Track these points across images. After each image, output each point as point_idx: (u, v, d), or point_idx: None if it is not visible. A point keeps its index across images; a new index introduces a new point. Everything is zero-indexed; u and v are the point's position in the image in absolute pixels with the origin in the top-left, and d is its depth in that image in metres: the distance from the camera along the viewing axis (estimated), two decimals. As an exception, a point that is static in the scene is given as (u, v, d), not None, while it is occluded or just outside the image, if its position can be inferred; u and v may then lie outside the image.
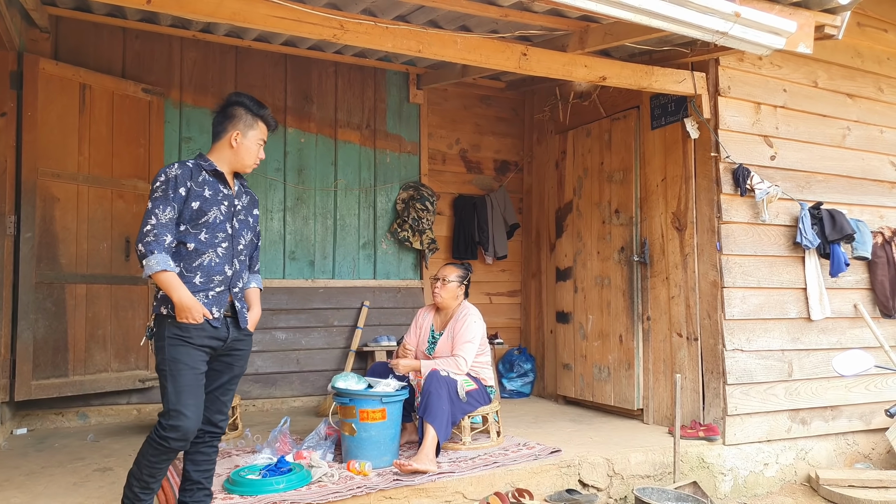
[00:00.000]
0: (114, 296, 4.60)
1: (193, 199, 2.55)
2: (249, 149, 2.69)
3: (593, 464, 3.70)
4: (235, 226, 2.68)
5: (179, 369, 2.51)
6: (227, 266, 2.64)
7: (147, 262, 2.44)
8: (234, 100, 2.69)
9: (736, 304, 4.14)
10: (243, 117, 2.67)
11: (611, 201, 4.99)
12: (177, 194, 2.52)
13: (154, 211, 2.49)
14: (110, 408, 4.72)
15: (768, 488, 4.17)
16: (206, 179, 2.62)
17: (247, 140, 2.68)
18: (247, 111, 2.68)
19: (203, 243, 2.57)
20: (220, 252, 2.62)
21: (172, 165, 2.57)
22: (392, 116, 5.73)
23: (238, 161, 2.69)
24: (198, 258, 2.57)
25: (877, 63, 4.82)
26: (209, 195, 2.60)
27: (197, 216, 2.56)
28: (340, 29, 3.27)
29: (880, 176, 4.77)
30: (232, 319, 2.68)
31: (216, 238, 2.61)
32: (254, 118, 2.69)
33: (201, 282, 2.57)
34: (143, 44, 4.91)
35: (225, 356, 2.69)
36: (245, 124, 2.68)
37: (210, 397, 2.67)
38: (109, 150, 4.60)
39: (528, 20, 3.69)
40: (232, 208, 2.68)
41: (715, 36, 3.09)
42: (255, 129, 2.69)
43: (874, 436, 4.61)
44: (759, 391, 4.19)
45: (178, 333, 2.52)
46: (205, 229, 2.58)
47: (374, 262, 5.62)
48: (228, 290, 2.65)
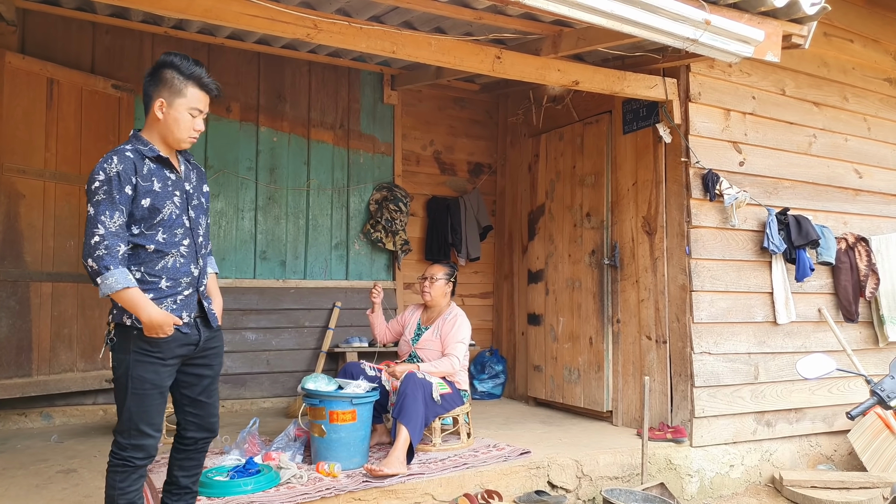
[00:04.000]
0: (80, 294, 4.52)
1: (143, 197, 2.23)
2: (178, 120, 2.30)
3: (562, 465, 3.73)
4: (192, 215, 2.39)
5: (145, 389, 2.25)
6: (192, 265, 2.39)
7: (104, 281, 2.12)
8: (162, 60, 2.29)
9: (704, 308, 4.20)
10: (170, 82, 2.28)
11: (582, 205, 5.04)
12: (122, 194, 2.18)
13: (99, 218, 2.14)
14: (76, 408, 4.63)
15: (733, 489, 4.24)
16: (151, 169, 2.27)
17: (174, 110, 2.29)
18: (176, 73, 2.27)
19: (163, 244, 2.29)
20: (182, 251, 2.35)
21: (110, 159, 2.19)
22: (366, 117, 5.72)
23: (168, 135, 2.32)
24: (160, 260, 2.29)
25: (842, 72, 4.93)
26: (159, 188, 2.27)
27: (150, 215, 2.25)
28: (314, 28, 3.25)
29: (844, 183, 4.88)
30: (201, 319, 2.44)
31: (175, 236, 2.33)
32: (184, 81, 2.28)
33: (168, 286, 2.30)
34: (114, 39, 4.83)
35: (199, 358, 2.45)
36: (172, 90, 2.28)
37: (198, 403, 2.48)
38: (77, 147, 4.52)
39: (503, 23, 3.71)
40: (184, 196, 2.37)
41: (685, 43, 3.13)
42: (183, 97, 2.29)
43: (836, 438, 4.71)
44: (726, 394, 4.26)
45: (147, 349, 2.25)
46: (161, 229, 2.28)
47: (347, 262, 5.60)
48: (196, 290, 2.40)
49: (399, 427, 3.47)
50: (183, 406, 2.49)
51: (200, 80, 2.31)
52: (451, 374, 3.90)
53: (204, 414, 2.50)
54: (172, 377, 2.37)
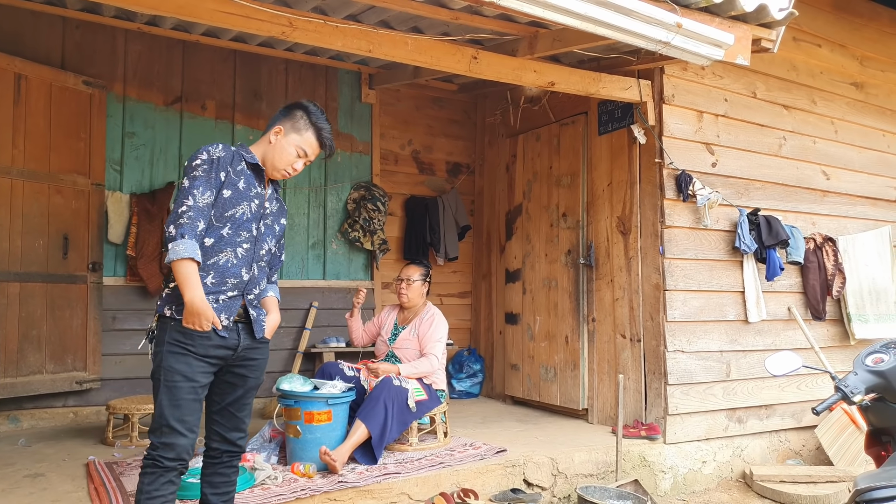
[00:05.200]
0: (50, 295, 4.44)
1: (227, 187, 2.32)
2: (285, 150, 2.42)
3: (538, 463, 3.75)
4: (261, 229, 2.43)
5: (175, 381, 2.23)
6: (244, 269, 2.37)
7: (174, 246, 2.16)
8: (301, 102, 2.48)
9: (677, 307, 4.26)
10: (296, 118, 2.45)
11: (559, 205, 5.08)
12: (217, 178, 2.29)
13: (192, 191, 2.23)
14: (44, 411, 4.55)
15: (706, 485, 4.30)
16: (244, 170, 2.38)
17: (286, 140, 2.43)
18: (305, 115, 2.45)
19: (223, 240, 2.32)
20: (239, 253, 2.36)
21: (216, 146, 2.34)
22: (344, 116, 5.70)
23: (269, 160, 2.44)
24: (213, 256, 2.30)
25: (811, 76, 5.03)
26: (243, 187, 2.36)
27: (225, 207, 2.32)
28: (290, 26, 3.23)
29: (813, 184, 4.98)
30: (244, 326, 2.39)
31: (239, 236, 2.35)
32: (308, 124, 2.44)
33: (213, 283, 2.29)
34: (85, 35, 4.75)
35: (237, 367, 2.40)
36: (293, 125, 2.44)
37: (225, 413, 2.43)
38: (46, 144, 4.44)
39: (479, 24, 3.72)
40: (262, 209, 2.43)
41: (658, 45, 3.17)
42: (300, 134, 2.44)
43: (805, 433, 4.81)
44: (699, 391, 4.32)
45: (180, 340, 2.25)
46: (229, 224, 2.33)
47: (324, 262, 5.57)
48: (242, 295, 2.37)
49: (357, 423, 3.48)
50: (211, 413, 2.44)
51: (321, 132, 2.46)
52: (430, 373, 3.91)
53: (229, 426, 2.45)
54: (208, 377, 2.32)
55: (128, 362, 4.80)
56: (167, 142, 5.00)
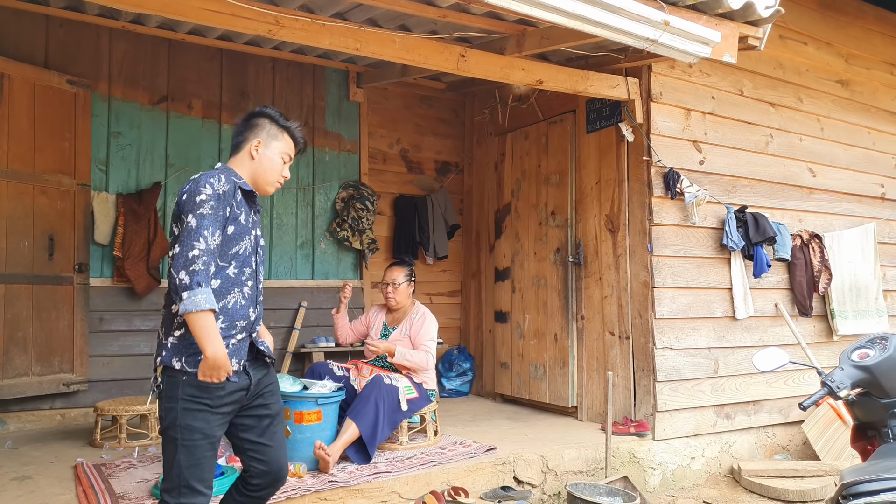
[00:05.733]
0: (36, 296, 4.39)
1: (231, 223, 2.15)
2: (273, 161, 2.30)
3: (528, 461, 3.76)
4: (257, 259, 2.28)
5: (195, 440, 2.09)
6: (251, 309, 2.23)
7: (191, 297, 1.98)
8: (258, 111, 2.35)
9: (666, 304, 4.28)
10: (267, 127, 2.32)
11: (547, 203, 5.08)
12: (223, 215, 2.12)
13: (202, 232, 2.05)
14: (31, 413, 4.50)
15: (694, 481, 4.33)
16: (241, 200, 2.21)
17: (269, 151, 2.30)
18: (271, 122, 2.33)
19: (230, 280, 2.16)
20: (245, 292, 2.21)
21: (218, 178, 2.14)
22: (331, 114, 5.68)
23: (259, 176, 2.30)
24: (222, 298, 2.14)
25: (797, 74, 5.07)
26: (244, 220, 2.20)
27: (229, 244, 2.16)
28: (276, 24, 3.21)
29: (799, 181, 5.02)
30: (251, 362, 2.27)
31: (243, 274, 2.21)
32: (279, 129, 2.33)
33: (223, 328, 2.13)
34: (69, 33, 4.71)
35: (255, 400, 2.28)
36: (269, 134, 2.31)
37: (260, 447, 2.28)
38: (31, 144, 4.39)
39: (467, 22, 3.72)
40: (255, 239, 2.29)
41: (645, 43, 3.18)
42: (279, 141, 2.32)
43: (792, 428, 4.85)
44: (687, 388, 4.35)
45: (197, 396, 2.09)
46: (234, 262, 2.18)
47: (313, 262, 5.55)
48: (249, 335, 2.24)
49: (347, 422, 3.47)
50: (246, 451, 2.31)
51: (292, 131, 2.36)
52: (423, 368, 3.89)
53: (269, 459, 2.30)
54: (224, 427, 2.21)
55: (115, 364, 4.77)
56: (153, 141, 4.97)
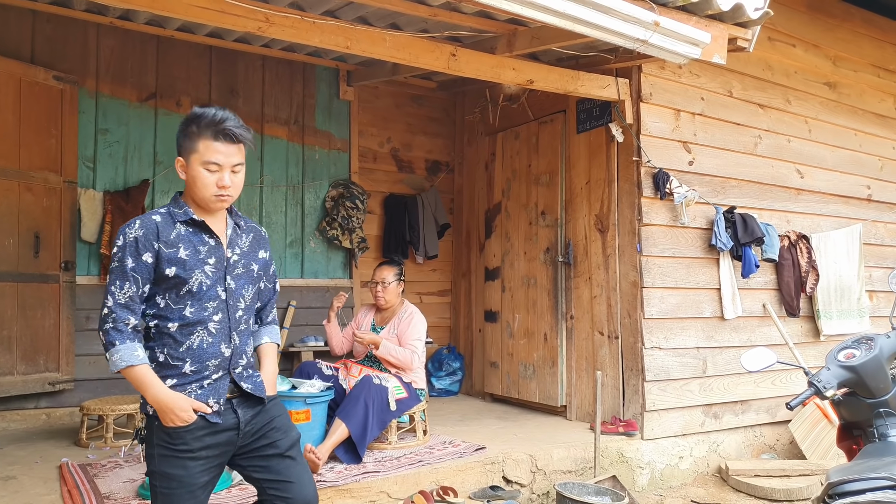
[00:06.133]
0: (21, 294, 4.35)
1: (167, 266, 1.99)
2: (195, 178, 2.01)
3: (517, 460, 3.76)
4: (231, 286, 2.08)
5: (171, 488, 1.97)
6: (223, 345, 2.06)
7: (109, 358, 1.94)
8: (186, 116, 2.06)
9: (655, 304, 4.29)
10: (188, 136, 2.02)
11: (537, 203, 5.09)
12: (139, 263, 1.97)
13: (109, 289, 1.96)
14: (16, 413, 4.45)
15: (683, 480, 4.35)
16: (181, 234, 2.03)
17: (191, 168, 2.02)
18: (193, 125, 2.01)
19: (189, 320, 2.02)
20: (212, 328, 2.05)
21: (133, 223, 2.00)
22: (321, 113, 5.65)
23: (196, 197, 2.05)
24: (185, 340, 2.02)
25: (785, 76, 5.10)
26: (187, 255, 2.01)
27: (177, 286, 2.00)
28: (266, 22, 3.19)
29: (787, 183, 5.05)
30: (240, 399, 2.10)
31: (205, 310, 2.04)
32: (196, 135, 2.00)
33: (193, 370, 2.02)
34: (55, 29, 4.66)
35: (258, 440, 2.11)
36: (188, 147, 2.02)
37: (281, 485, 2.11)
38: (16, 141, 4.34)
39: (458, 21, 3.71)
40: (222, 264, 2.08)
41: (636, 44, 3.19)
42: (196, 151, 2.00)
43: (779, 428, 4.88)
44: (676, 387, 4.36)
45: (169, 442, 1.98)
46: (189, 301, 2.02)
47: (302, 260, 5.53)
48: (228, 373, 2.08)
49: (336, 422, 3.46)
50: (267, 491, 2.13)
51: (218, 126, 2.00)
52: (409, 366, 3.88)
53: (293, 496, 2.12)
54: (210, 473, 2.04)
55: (102, 363, 4.72)
56: (141, 139, 4.93)
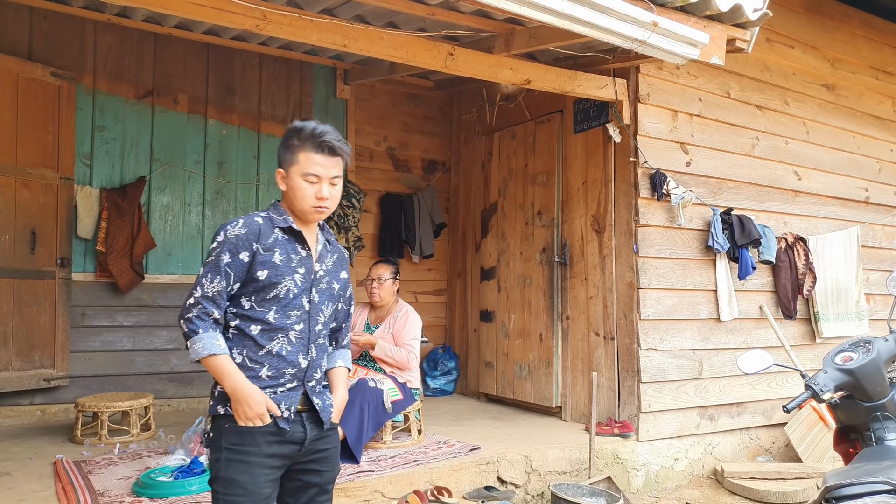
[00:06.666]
0: (17, 290, 4.34)
1: (260, 268, 2.01)
2: (294, 189, 2.06)
3: (512, 461, 3.76)
4: (314, 299, 2.10)
5: (235, 496, 1.93)
6: (301, 355, 2.06)
7: (191, 346, 1.95)
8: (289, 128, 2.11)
9: (651, 305, 4.29)
10: (290, 148, 2.08)
11: (534, 203, 5.08)
12: (235, 260, 1.99)
13: (200, 280, 1.99)
14: (11, 409, 4.45)
15: (678, 482, 4.35)
16: (278, 240, 2.05)
17: (291, 179, 2.06)
18: (295, 136, 2.07)
19: (272, 325, 2.03)
20: (293, 337, 2.06)
21: (236, 222, 2.04)
22: (318, 111, 5.64)
23: (294, 208, 2.09)
24: (266, 344, 2.02)
25: (783, 77, 5.10)
26: (280, 261, 2.04)
27: (265, 289, 2.02)
28: (263, 20, 3.18)
29: (785, 184, 5.05)
30: (309, 414, 2.08)
31: (289, 318, 2.05)
32: (296, 147, 2.05)
33: (269, 375, 2.01)
34: (53, 25, 4.65)
35: (306, 463, 2.09)
36: (289, 158, 2.07)
37: None
38: (13, 137, 4.33)
39: (455, 20, 3.70)
40: (310, 276, 2.10)
41: (634, 44, 3.18)
42: (296, 163, 2.05)
43: (775, 430, 4.87)
44: (672, 389, 4.36)
45: (239, 444, 1.95)
46: (275, 307, 2.03)
47: (298, 259, 5.51)
48: (302, 384, 2.07)
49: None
50: None
51: (318, 139, 2.05)
52: (406, 366, 3.89)
53: None
54: (273, 485, 2.02)
55: (97, 359, 4.72)
56: (138, 136, 4.92)
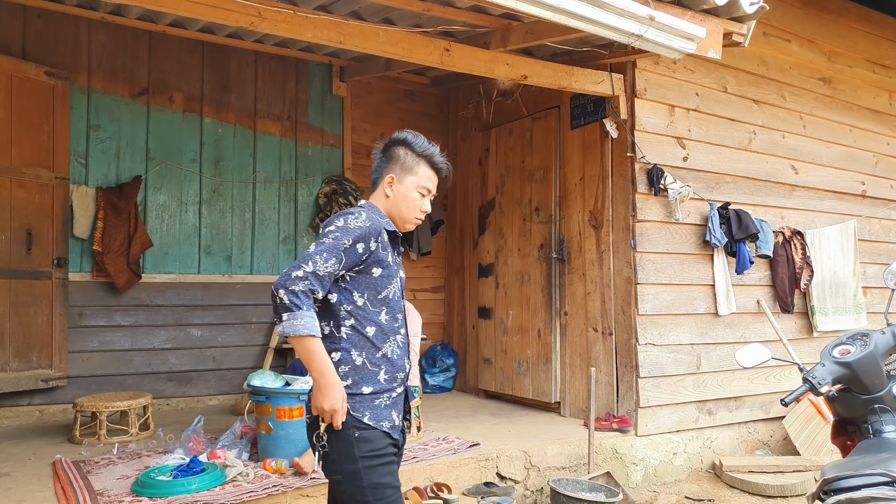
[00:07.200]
0: (13, 291, 4.33)
1: (376, 265, 1.98)
2: (408, 198, 2.11)
3: (511, 457, 3.76)
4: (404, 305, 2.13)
5: (387, 497, 1.91)
6: (406, 360, 2.06)
7: (289, 319, 1.83)
8: (395, 138, 2.16)
9: (649, 300, 4.29)
10: (402, 159, 2.12)
11: (531, 199, 5.08)
12: (352, 249, 1.93)
13: (314, 256, 1.88)
14: (9, 409, 4.44)
15: (676, 476, 4.35)
16: (385, 241, 2.03)
17: (403, 187, 2.11)
18: (408, 150, 2.12)
19: (384, 328, 2.00)
20: (399, 340, 2.04)
21: (358, 214, 1.99)
22: (314, 108, 5.63)
23: (394, 215, 2.12)
24: (381, 347, 1.99)
25: (780, 72, 5.09)
26: (391, 261, 2.04)
27: (378, 288, 2.00)
28: (258, 17, 3.17)
29: (782, 179, 5.05)
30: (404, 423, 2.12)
31: (396, 321, 2.05)
32: (416, 159, 2.12)
33: (386, 379, 1.98)
34: (47, 24, 4.63)
35: None
36: (403, 167, 2.11)
37: None
38: (8, 137, 4.32)
39: (451, 15, 3.69)
40: (402, 281, 2.12)
41: (631, 38, 3.18)
42: (415, 174, 2.11)
43: (772, 424, 4.89)
44: (670, 384, 4.37)
45: (375, 450, 1.92)
46: (385, 308, 2.02)
47: (295, 257, 5.51)
48: (406, 390, 2.09)
49: None
50: None
51: (432, 158, 2.15)
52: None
53: None
54: None
55: (95, 359, 4.71)
56: (134, 135, 4.90)
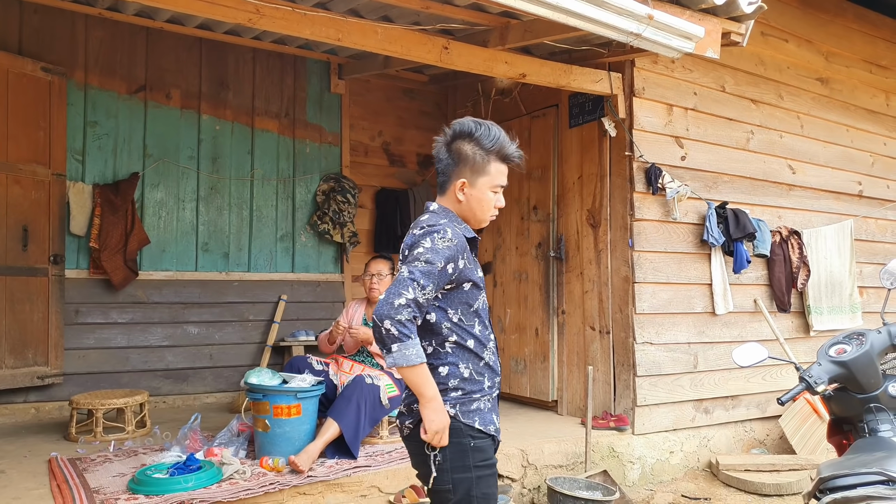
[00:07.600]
0: (9, 288, 4.31)
1: (465, 279, 1.93)
2: (481, 200, 2.00)
3: (508, 455, 3.76)
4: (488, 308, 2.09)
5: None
6: (498, 364, 2.06)
7: (401, 350, 1.78)
8: (459, 130, 2.00)
9: (646, 299, 4.30)
10: (471, 159, 1.98)
11: (529, 198, 5.08)
12: (444, 271, 1.86)
13: (413, 283, 1.81)
14: (5, 407, 4.43)
15: (673, 475, 4.36)
16: (469, 255, 1.98)
17: (476, 190, 1.99)
18: (476, 146, 1.98)
19: (480, 338, 1.97)
20: (492, 347, 2.02)
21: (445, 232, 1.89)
22: (312, 106, 5.62)
23: (471, 217, 2.03)
24: (483, 355, 1.97)
25: (778, 71, 5.10)
26: (479, 275, 2.00)
27: (470, 301, 1.95)
28: (256, 14, 3.16)
29: (779, 178, 5.06)
30: None
31: (487, 329, 2.02)
32: (485, 157, 1.98)
33: (489, 386, 1.99)
34: (43, 19, 4.61)
35: None
36: (474, 168, 1.98)
37: None
38: (4, 133, 4.30)
39: (450, 13, 3.68)
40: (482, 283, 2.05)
41: (629, 37, 3.17)
42: (487, 174, 1.99)
43: (769, 423, 4.90)
44: (667, 382, 4.37)
45: (485, 459, 1.93)
46: (477, 319, 1.98)
47: (293, 255, 5.50)
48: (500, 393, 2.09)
49: (329, 422, 3.43)
50: None
51: (502, 151, 2.00)
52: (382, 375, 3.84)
53: None
54: None
55: (91, 357, 4.69)
56: (131, 131, 4.89)
